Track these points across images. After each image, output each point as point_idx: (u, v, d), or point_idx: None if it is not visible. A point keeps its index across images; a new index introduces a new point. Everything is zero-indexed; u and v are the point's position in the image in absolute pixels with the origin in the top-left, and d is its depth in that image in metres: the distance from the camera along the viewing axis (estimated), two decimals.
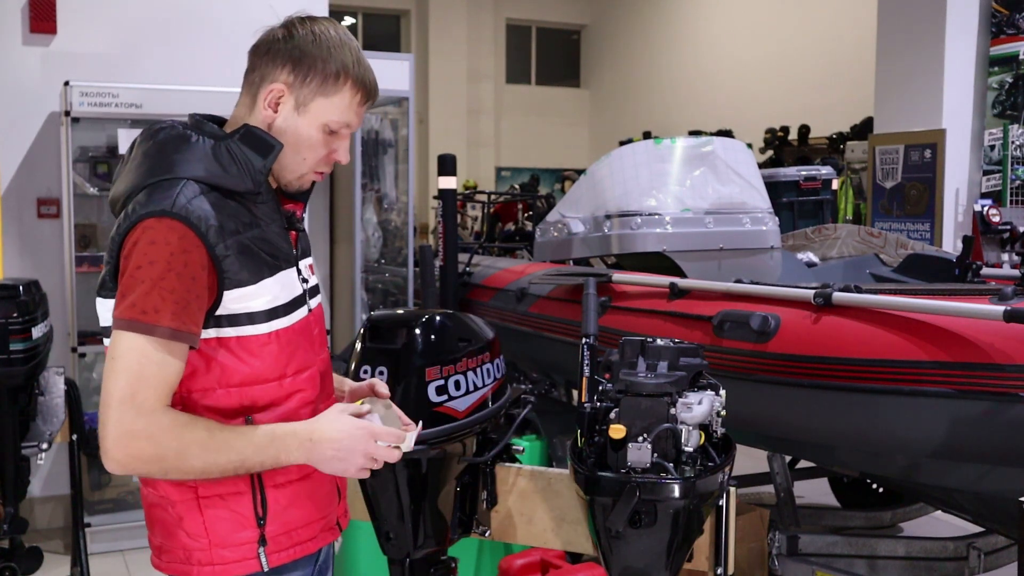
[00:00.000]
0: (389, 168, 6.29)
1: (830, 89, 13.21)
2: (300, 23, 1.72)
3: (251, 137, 1.67)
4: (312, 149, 1.72)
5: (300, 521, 1.72)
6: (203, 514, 1.64)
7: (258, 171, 1.66)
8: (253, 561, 1.66)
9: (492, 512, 2.23)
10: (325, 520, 1.79)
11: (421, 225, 14.43)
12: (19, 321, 3.49)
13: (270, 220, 1.69)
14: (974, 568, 3.51)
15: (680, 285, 3.77)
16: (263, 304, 1.64)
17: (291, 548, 1.71)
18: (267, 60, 1.70)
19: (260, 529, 1.67)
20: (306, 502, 1.73)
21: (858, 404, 3.04)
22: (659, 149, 4.77)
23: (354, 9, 17.86)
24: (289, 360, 1.69)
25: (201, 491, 1.64)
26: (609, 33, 19.12)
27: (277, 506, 1.68)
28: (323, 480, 1.77)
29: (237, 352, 1.63)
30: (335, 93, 1.70)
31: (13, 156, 4.96)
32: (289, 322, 1.69)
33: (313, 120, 1.70)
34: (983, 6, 7.02)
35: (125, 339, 1.53)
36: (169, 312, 1.53)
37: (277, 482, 1.68)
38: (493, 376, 2.07)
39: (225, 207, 1.61)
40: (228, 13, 5.35)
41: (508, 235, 8.34)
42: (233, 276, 1.60)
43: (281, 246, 1.70)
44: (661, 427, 1.83)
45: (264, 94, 1.70)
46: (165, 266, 1.53)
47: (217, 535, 1.65)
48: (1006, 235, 6.26)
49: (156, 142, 1.66)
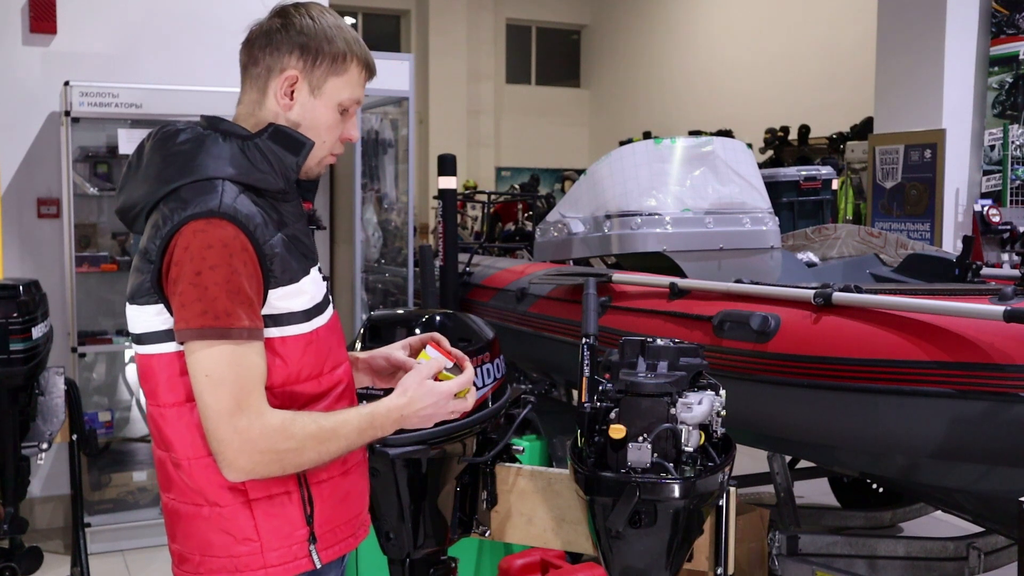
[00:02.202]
0: (389, 168, 6.28)
1: (830, 89, 13.21)
2: (295, 10, 1.73)
3: (281, 135, 1.67)
4: (330, 130, 1.74)
5: (342, 518, 1.72)
6: (254, 516, 1.61)
7: (290, 169, 1.67)
8: (305, 560, 1.65)
9: (492, 512, 2.23)
10: (359, 517, 1.79)
11: (421, 225, 14.43)
12: (19, 321, 3.49)
13: (296, 219, 1.70)
14: (974, 568, 3.51)
15: (680, 285, 3.77)
16: (304, 303, 1.64)
17: (335, 545, 1.70)
18: (271, 51, 1.70)
19: (310, 527, 1.65)
20: (345, 499, 1.73)
21: (858, 404, 3.03)
22: (659, 149, 4.77)
23: (354, 9, 17.86)
24: (327, 357, 1.69)
25: (251, 493, 1.61)
26: (609, 33, 19.12)
27: (322, 502, 1.67)
28: (358, 477, 1.77)
29: (281, 352, 1.61)
30: (344, 72, 1.72)
31: (13, 156, 4.96)
32: (325, 319, 1.70)
33: (329, 101, 1.72)
34: (983, 6, 7.02)
35: (207, 349, 1.52)
36: (242, 312, 1.52)
37: (320, 479, 1.67)
38: (493, 376, 2.07)
39: (261, 206, 1.61)
40: (228, 13, 5.34)
41: (508, 235, 8.34)
42: (279, 275, 1.59)
43: (309, 244, 1.72)
44: (661, 427, 1.83)
45: (278, 84, 1.70)
46: (228, 269, 1.52)
47: (268, 536, 1.62)
48: (1006, 235, 6.26)
49: (177, 143, 1.63)
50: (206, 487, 1.61)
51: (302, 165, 1.69)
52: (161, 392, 1.62)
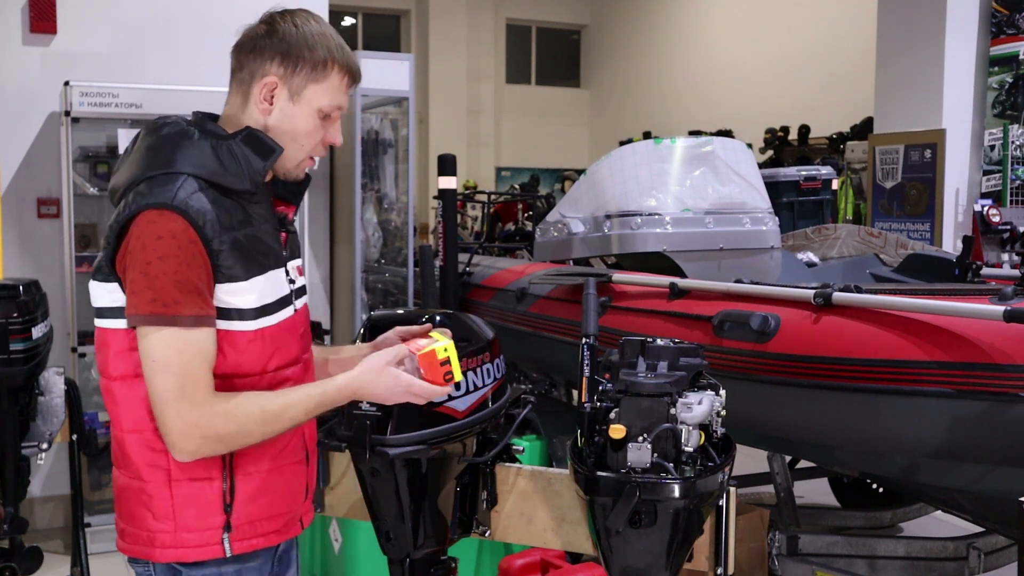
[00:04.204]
0: (389, 168, 6.28)
1: (830, 89, 13.21)
2: (280, 17, 1.77)
3: (253, 139, 1.73)
4: (309, 135, 1.78)
5: (265, 512, 1.75)
6: (173, 496, 1.68)
7: (257, 172, 1.71)
8: (216, 547, 1.70)
9: (492, 512, 2.23)
10: (289, 515, 1.82)
11: (421, 225, 14.43)
12: (19, 321, 3.49)
13: (263, 220, 1.75)
14: (974, 568, 3.51)
15: (680, 285, 3.77)
16: (250, 302, 1.69)
17: (254, 538, 1.74)
18: (254, 57, 1.75)
19: (226, 515, 1.70)
20: (273, 494, 1.76)
21: (858, 404, 3.03)
22: (659, 149, 4.77)
23: (354, 9, 17.86)
24: (271, 356, 1.74)
25: (174, 473, 1.67)
26: (609, 33, 19.11)
27: (244, 494, 1.71)
28: (293, 476, 1.81)
29: (223, 345, 1.67)
30: (324, 79, 1.77)
31: (13, 156, 4.96)
32: (275, 320, 1.74)
33: (308, 107, 1.76)
34: (983, 6, 7.02)
35: (154, 336, 1.60)
36: (188, 301, 1.60)
37: (247, 471, 1.72)
38: (493, 376, 2.07)
39: (222, 204, 1.67)
40: (228, 13, 5.34)
41: (508, 235, 8.34)
42: (226, 271, 1.65)
43: (272, 246, 1.75)
44: (661, 427, 1.83)
45: (258, 89, 1.75)
46: (176, 259, 1.59)
47: (183, 517, 1.68)
48: (1006, 235, 6.27)
49: (160, 136, 1.71)
50: (136, 461, 1.69)
51: (268, 170, 1.73)
52: (111, 365, 1.70)
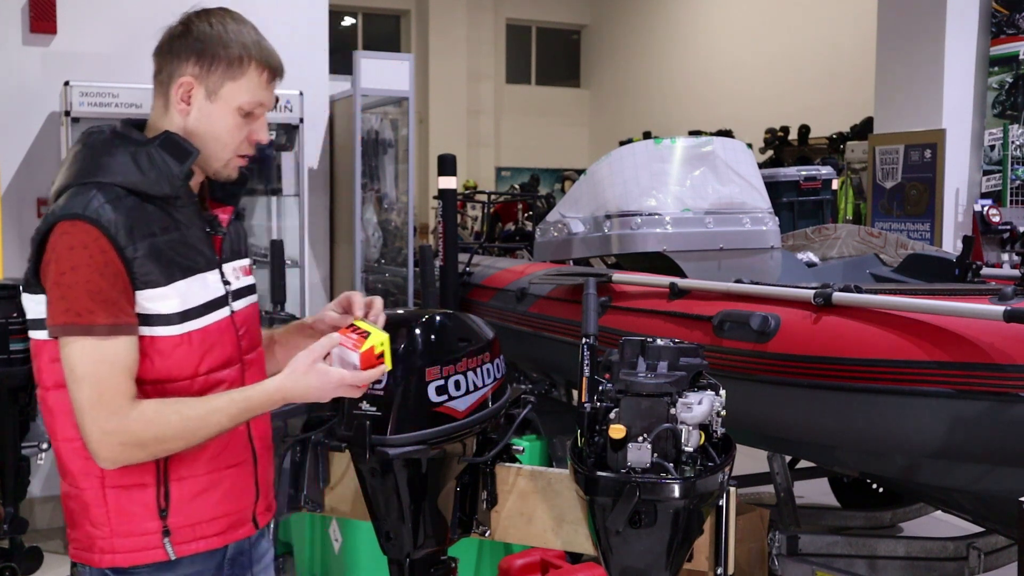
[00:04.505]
0: (389, 168, 6.28)
1: (830, 89, 13.21)
2: (196, 17, 1.77)
3: (169, 143, 1.72)
4: (230, 133, 1.77)
5: (205, 516, 1.75)
6: (107, 503, 1.69)
7: (176, 176, 1.71)
8: (158, 551, 1.71)
9: (492, 512, 2.23)
10: (235, 516, 1.81)
11: (421, 225, 14.43)
12: (19, 321, 3.49)
13: (190, 224, 1.74)
14: (974, 568, 3.51)
15: (680, 285, 3.77)
16: (175, 306, 1.69)
17: (195, 541, 1.74)
18: (171, 58, 1.76)
19: (162, 520, 1.71)
20: (212, 497, 1.76)
21: (858, 404, 3.03)
22: (659, 149, 4.77)
23: (354, 9, 17.86)
24: (202, 359, 1.73)
25: (107, 480, 1.68)
26: (609, 33, 19.12)
27: (180, 499, 1.72)
28: (236, 478, 1.81)
29: (149, 351, 1.68)
30: (241, 76, 1.75)
31: (13, 156, 4.96)
32: (203, 323, 1.73)
33: (226, 105, 1.75)
34: (983, 6, 7.02)
35: (71, 345, 1.62)
36: (102, 310, 1.60)
37: (181, 476, 1.72)
38: (493, 376, 2.07)
39: (142, 211, 1.66)
40: None
41: (508, 235, 8.34)
42: (143, 277, 1.65)
43: (201, 249, 1.75)
44: (661, 427, 1.82)
45: (175, 90, 1.75)
46: (88, 269, 1.60)
47: (118, 524, 1.70)
48: (1006, 235, 6.27)
49: (85, 146, 1.72)
50: (71, 470, 1.71)
51: (187, 172, 1.72)
52: (44, 375, 1.72)
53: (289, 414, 2.43)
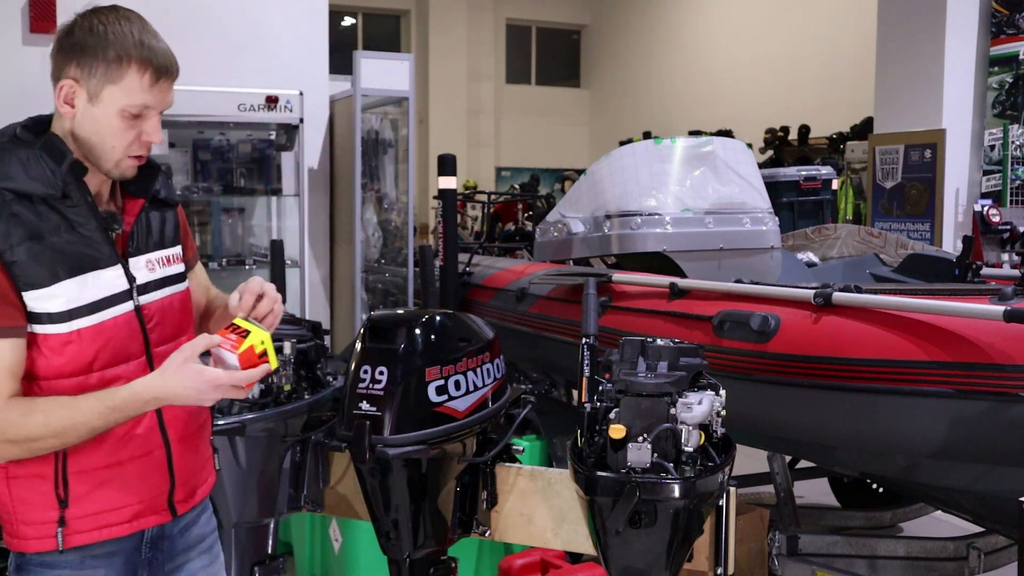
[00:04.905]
0: (389, 168, 6.28)
1: (830, 89, 13.21)
2: (82, 17, 1.76)
3: (48, 146, 1.74)
4: (116, 136, 1.76)
5: (108, 505, 1.78)
6: (11, 491, 1.75)
7: (56, 179, 1.72)
8: (51, 540, 1.75)
9: (492, 512, 2.23)
10: (144, 505, 1.83)
11: (421, 225, 14.43)
12: None
13: (85, 223, 1.75)
14: (974, 568, 3.51)
15: (680, 285, 3.77)
16: (59, 305, 1.70)
17: (99, 530, 1.77)
18: (58, 59, 1.77)
19: (61, 511, 1.74)
20: (115, 488, 1.78)
21: (858, 404, 3.03)
22: (659, 149, 4.77)
23: (354, 9, 17.86)
24: (95, 356, 1.74)
25: (11, 470, 1.73)
26: (609, 33, 19.12)
27: (80, 491, 1.75)
28: (141, 468, 1.82)
29: (42, 348, 1.71)
30: (121, 79, 1.73)
31: None
32: (95, 320, 1.74)
33: (108, 108, 1.74)
34: (983, 6, 7.02)
35: None
36: None
37: (80, 468, 1.75)
38: (493, 376, 2.07)
39: (29, 214, 1.69)
40: (228, 13, 5.34)
41: (508, 235, 8.34)
42: (25, 279, 1.67)
43: (97, 247, 1.75)
44: (661, 427, 1.83)
45: (57, 92, 1.76)
46: None
47: (20, 511, 1.75)
48: (1006, 235, 6.27)
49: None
50: None
51: (65, 174, 1.73)
52: None
53: (289, 414, 2.43)
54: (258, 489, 2.42)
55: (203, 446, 1.97)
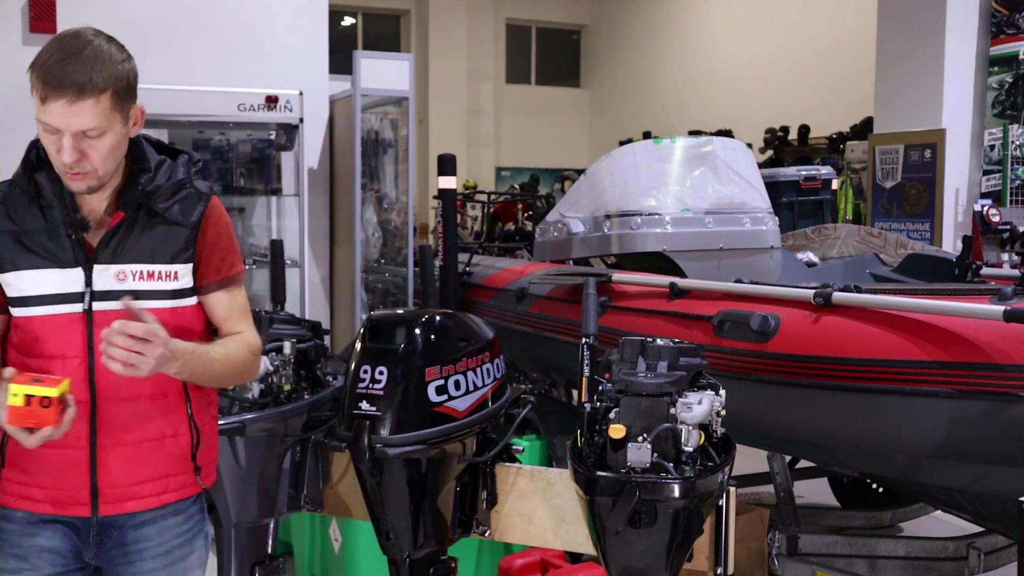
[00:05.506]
0: (389, 168, 6.28)
1: (830, 89, 13.21)
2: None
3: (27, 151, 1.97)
4: (49, 149, 1.91)
5: (32, 480, 1.90)
6: None
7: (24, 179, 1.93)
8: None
9: (492, 512, 2.23)
10: (62, 492, 1.91)
11: (421, 225, 14.43)
12: None
13: (57, 224, 1.89)
14: (974, 568, 3.51)
15: (680, 285, 3.77)
16: (15, 292, 1.88)
17: (23, 499, 1.91)
18: None
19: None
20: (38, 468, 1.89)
21: (858, 404, 3.03)
22: (659, 149, 4.77)
23: (354, 9, 17.85)
24: (32, 345, 1.88)
25: None
26: (609, 33, 19.11)
27: (14, 456, 1.89)
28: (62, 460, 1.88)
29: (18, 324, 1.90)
30: (34, 94, 1.89)
31: (13, 156, 4.95)
32: (36, 313, 1.88)
33: (40, 122, 1.90)
34: (983, 6, 7.02)
35: None
36: None
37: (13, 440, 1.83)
38: (493, 376, 2.07)
39: (17, 204, 1.92)
40: (228, 13, 5.34)
41: (508, 235, 8.34)
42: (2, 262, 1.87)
43: (64, 247, 1.88)
44: (661, 427, 1.83)
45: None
46: None
47: None
48: (1006, 235, 6.26)
49: None
50: None
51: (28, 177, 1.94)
52: None
53: (289, 414, 2.43)
54: (258, 489, 2.42)
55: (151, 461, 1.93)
